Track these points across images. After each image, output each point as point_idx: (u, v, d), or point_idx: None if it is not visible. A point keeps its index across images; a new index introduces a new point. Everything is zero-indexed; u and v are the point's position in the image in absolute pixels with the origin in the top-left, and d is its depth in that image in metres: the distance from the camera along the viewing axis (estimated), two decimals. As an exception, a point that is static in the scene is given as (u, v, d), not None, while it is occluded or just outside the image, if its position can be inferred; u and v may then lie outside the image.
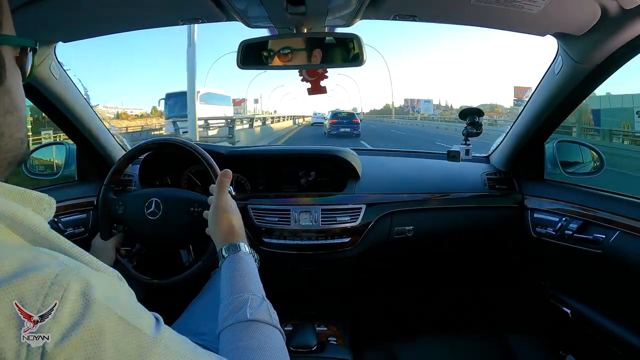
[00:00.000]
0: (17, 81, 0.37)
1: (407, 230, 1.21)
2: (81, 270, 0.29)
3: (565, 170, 1.20)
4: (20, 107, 0.37)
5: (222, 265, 0.58)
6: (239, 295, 0.50)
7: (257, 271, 0.58)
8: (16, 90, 0.37)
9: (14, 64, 0.37)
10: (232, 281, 0.53)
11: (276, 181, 1.29)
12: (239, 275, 0.54)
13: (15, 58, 0.37)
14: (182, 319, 0.83)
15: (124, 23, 0.90)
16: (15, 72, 0.37)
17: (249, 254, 0.59)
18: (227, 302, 0.50)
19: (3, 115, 0.35)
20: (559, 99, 1.02)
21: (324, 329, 1.21)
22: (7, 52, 0.36)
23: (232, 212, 0.64)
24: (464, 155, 1.13)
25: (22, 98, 0.38)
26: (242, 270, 0.55)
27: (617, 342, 0.93)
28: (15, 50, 0.37)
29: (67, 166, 1.26)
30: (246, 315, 0.47)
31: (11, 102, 0.36)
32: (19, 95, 0.37)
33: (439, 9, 0.84)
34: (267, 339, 0.46)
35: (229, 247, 0.59)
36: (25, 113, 0.39)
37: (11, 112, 0.36)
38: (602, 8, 0.71)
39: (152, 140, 1.00)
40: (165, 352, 0.30)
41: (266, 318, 0.48)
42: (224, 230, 0.62)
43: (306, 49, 0.88)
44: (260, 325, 0.47)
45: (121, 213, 0.90)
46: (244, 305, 0.48)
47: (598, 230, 0.96)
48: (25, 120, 0.39)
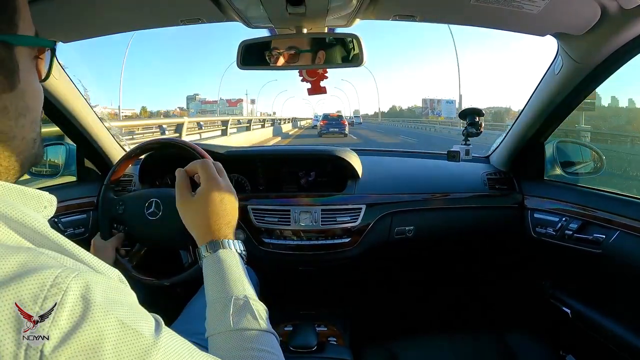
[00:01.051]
0: (33, 83, 0.37)
1: (407, 230, 1.21)
2: (81, 272, 0.28)
3: (565, 170, 1.20)
4: (33, 109, 0.36)
5: (202, 266, 0.53)
6: (221, 301, 0.47)
7: (244, 269, 0.52)
8: (31, 91, 0.36)
9: (30, 65, 0.36)
10: (214, 285, 0.49)
11: (276, 181, 1.29)
12: (220, 278, 0.50)
13: (33, 57, 0.37)
14: (181, 319, 0.83)
15: (125, 23, 0.90)
16: (31, 74, 0.36)
17: (232, 252, 0.53)
18: (211, 308, 0.48)
19: (15, 118, 0.34)
20: (559, 99, 1.02)
21: (324, 329, 1.21)
22: (24, 53, 0.35)
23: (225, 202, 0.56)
24: (464, 155, 1.13)
25: (37, 99, 0.37)
26: (224, 271, 0.50)
27: (617, 342, 0.93)
28: (33, 51, 0.36)
29: (67, 166, 1.26)
30: (230, 324, 0.45)
31: (25, 105, 0.35)
32: (33, 97, 0.36)
33: (438, 9, 0.84)
34: (255, 345, 0.44)
35: (209, 246, 0.53)
36: (39, 113, 0.38)
37: (24, 114, 0.35)
38: (602, 8, 0.71)
39: (153, 141, 1.00)
40: (165, 355, 0.30)
41: (252, 324, 0.45)
42: (202, 225, 0.55)
43: (306, 49, 0.88)
44: (247, 332, 0.45)
45: (121, 213, 0.90)
46: (226, 313, 0.46)
47: (598, 230, 0.96)
48: (39, 120, 0.38)
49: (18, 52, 0.34)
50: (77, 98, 1.09)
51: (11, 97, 0.33)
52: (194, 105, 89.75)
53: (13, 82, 0.33)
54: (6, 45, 0.33)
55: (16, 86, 0.34)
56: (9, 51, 0.33)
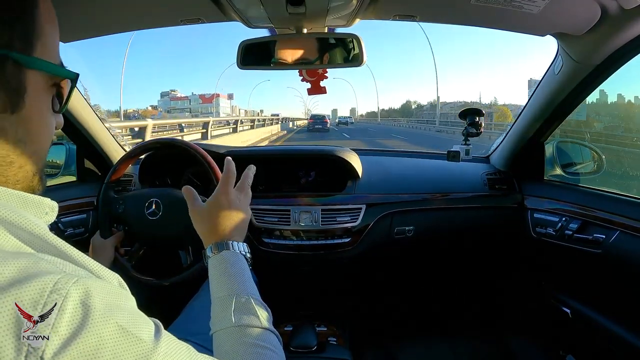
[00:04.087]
0: (43, 112, 0.35)
1: (407, 230, 1.21)
2: (81, 277, 0.28)
3: (565, 170, 1.20)
4: (38, 140, 0.35)
5: (207, 266, 0.56)
6: (224, 299, 0.49)
7: (248, 270, 0.55)
8: (38, 120, 0.34)
9: (43, 92, 0.34)
10: (218, 284, 0.52)
11: (276, 181, 1.29)
12: (224, 277, 0.52)
13: (50, 86, 0.35)
14: (180, 319, 0.83)
15: (125, 23, 0.90)
16: (43, 102, 0.34)
17: (236, 253, 0.56)
18: (214, 306, 0.49)
19: (14, 143, 0.32)
20: (559, 99, 1.02)
21: (324, 329, 1.21)
22: (38, 78, 0.33)
23: (235, 209, 0.60)
24: (464, 155, 1.13)
25: (45, 131, 0.35)
26: (227, 271, 0.52)
27: (617, 342, 0.93)
28: (50, 79, 0.34)
29: (67, 166, 1.26)
30: (231, 320, 0.46)
31: (26, 132, 0.33)
32: (41, 126, 0.35)
33: (439, 9, 0.84)
34: (256, 341, 0.45)
35: (214, 247, 0.56)
36: (46, 146, 0.36)
37: (26, 142, 0.33)
38: (602, 8, 0.71)
39: (153, 141, 1.00)
40: (165, 359, 0.30)
41: (253, 321, 0.47)
42: (211, 228, 0.58)
43: (306, 49, 0.88)
44: (249, 329, 0.46)
45: (121, 212, 0.90)
46: (228, 310, 0.47)
47: (598, 230, 0.96)
48: (45, 153, 0.37)
49: (30, 75, 0.32)
50: (77, 98, 1.09)
51: (12, 120, 0.32)
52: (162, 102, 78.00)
53: (16, 105, 0.32)
54: (16, 64, 0.31)
55: (19, 110, 0.32)
56: (18, 71, 0.32)
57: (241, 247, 0.57)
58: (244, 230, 0.61)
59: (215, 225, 0.58)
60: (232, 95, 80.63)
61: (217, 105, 67.70)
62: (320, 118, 25.91)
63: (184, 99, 79.68)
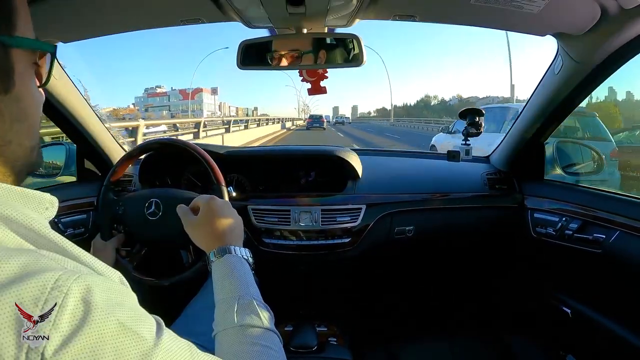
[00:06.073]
0: (31, 88, 0.36)
1: (407, 230, 1.21)
2: (82, 274, 0.28)
3: (565, 170, 1.20)
4: (31, 115, 0.36)
5: (211, 270, 0.57)
6: (227, 301, 0.50)
7: (250, 273, 0.56)
8: (28, 97, 0.35)
9: (28, 69, 0.35)
10: (221, 287, 0.53)
11: (276, 181, 1.29)
12: (227, 280, 0.53)
13: (32, 63, 0.36)
14: (181, 319, 0.83)
15: (125, 23, 0.90)
16: (29, 79, 0.35)
17: (238, 257, 0.58)
18: (217, 308, 0.50)
19: (10, 123, 0.33)
20: (559, 99, 1.02)
21: (324, 329, 1.21)
22: (21, 56, 0.34)
23: (224, 215, 0.63)
24: (464, 155, 1.13)
25: (35, 106, 0.36)
26: (230, 274, 0.54)
27: (617, 342, 0.93)
28: (33, 55, 0.36)
29: (67, 167, 1.26)
30: (234, 320, 0.47)
31: (20, 110, 0.34)
32: (31, 103, 0.36)
33: (438, 9, 0.84)
34: (258, 341, 0.45)
35: (217, 252, 0.58)
36: (38, 120, 0.37)
37: (20, 120, 0.34)
38: (602, 8, 0.71)
39: (153, 141, 1.00)
40: (166, 356, 0.30)
41: (255, 321, 0.47)
42: (209, 236, 0.61)
43: (306, 50, 0.88)
44: (251, 329, 0.46)
45: (121, 213, 0.90)
46: (231, 311, 0.48)
47: (598, 230, 0.96)
48: (38, 127, 0.38)
49: (15, 54, 0.33)
50: (77, 98, 1.09)
51: (5, 101, 0.33)
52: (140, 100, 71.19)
53: (8, 85, 0.33)
54: (2, 45, 0.32)
55: (11, 90, 0.33)
56: (5, 52, 0.32)
57: (243, 252, 0.59)
58: (240, 236, 0.63)
59: (212, 232, 0.61)
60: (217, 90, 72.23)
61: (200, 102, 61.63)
62: (317, 118, 31.24)
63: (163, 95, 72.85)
